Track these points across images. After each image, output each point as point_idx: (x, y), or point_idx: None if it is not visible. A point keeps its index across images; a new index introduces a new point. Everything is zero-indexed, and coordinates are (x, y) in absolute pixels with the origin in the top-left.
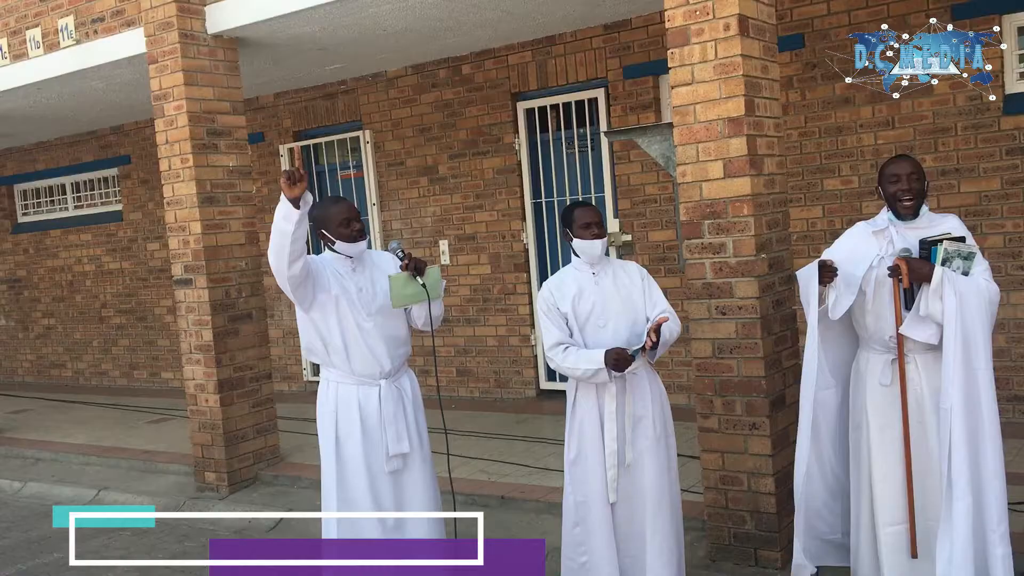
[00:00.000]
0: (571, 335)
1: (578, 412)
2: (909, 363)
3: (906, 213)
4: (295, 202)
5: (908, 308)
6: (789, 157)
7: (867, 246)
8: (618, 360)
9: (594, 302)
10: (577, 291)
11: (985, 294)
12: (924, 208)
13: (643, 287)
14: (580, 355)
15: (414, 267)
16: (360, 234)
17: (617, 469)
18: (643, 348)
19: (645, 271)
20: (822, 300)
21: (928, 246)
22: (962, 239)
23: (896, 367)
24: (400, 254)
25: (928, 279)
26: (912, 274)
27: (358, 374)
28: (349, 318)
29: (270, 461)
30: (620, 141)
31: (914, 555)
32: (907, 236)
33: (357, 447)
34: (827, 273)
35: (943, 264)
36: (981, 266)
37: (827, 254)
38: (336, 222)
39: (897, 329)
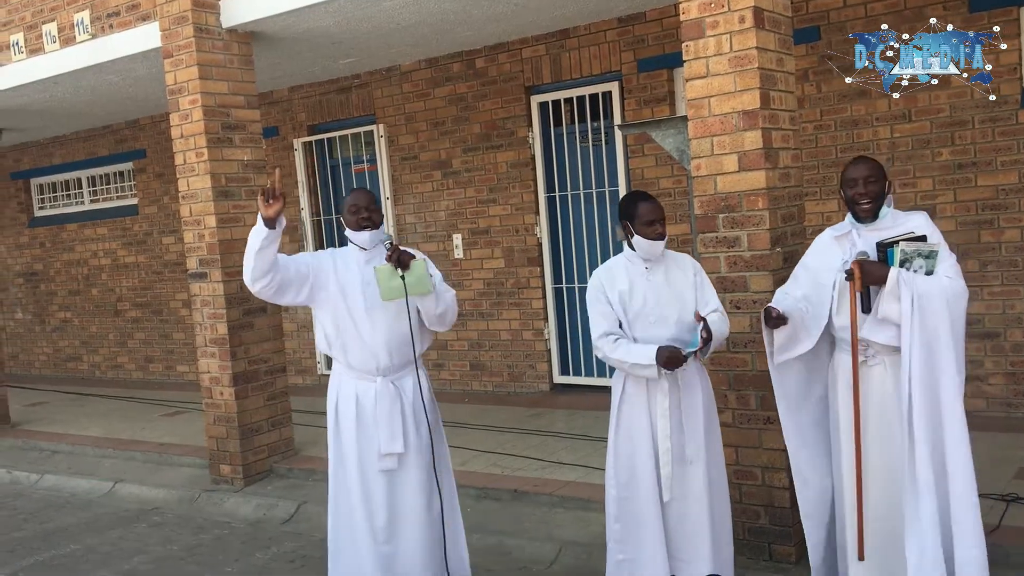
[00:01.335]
0: (619, 324)
1: (626, 407)
2: (877, 364)
3: (864, 216)
4: (269, 222)
5: (869, 311)
6: (804, 150)
7: (831, 254)
8: (671, 359)
9: (645, 298)
10: (628, 286)
11: (948, 292)
12: (886, 209)
13: (695, 283)
14: (631, 349)
15: (396, 260)
16: (365, 223)
17: (672, 467)
18: (696, 351)
19: (698, 265)
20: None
21: (885, 248)
22: (923, 238)
23: (864, 369)
24: (387, 245)
25: (883, 281)
26: (866, 277)
27: (355, 368)
28: (346, 313)
29: (284, 454)
30: (634, 135)
31: (861, 558)
32: (869, 239)
33: (351, 441)
34: (771, 321)
35: (902, 265)
36: (947, 263)
37: (800, 265)
38: (346, 209)
39: (853, 332)
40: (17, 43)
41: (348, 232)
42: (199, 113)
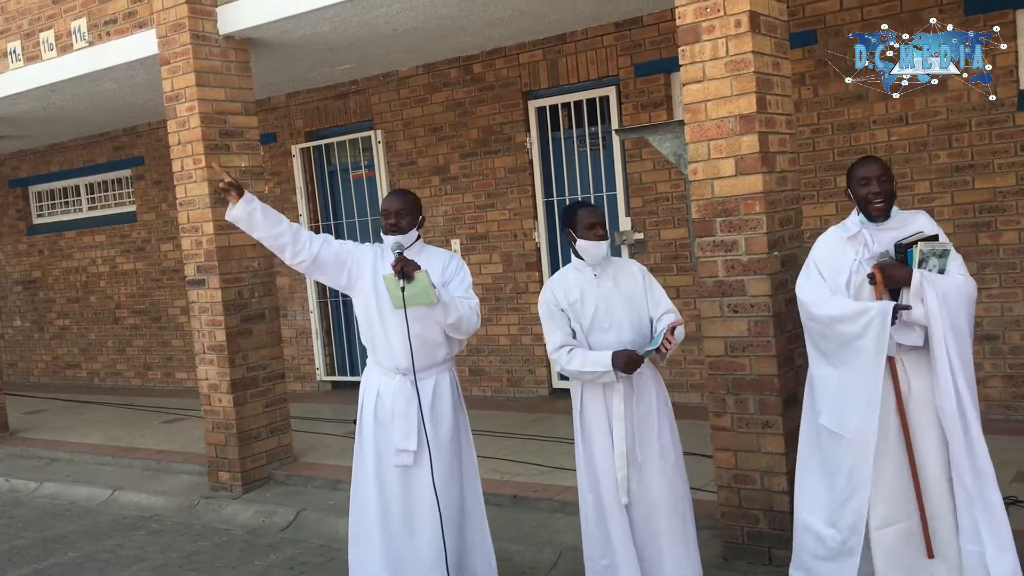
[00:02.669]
0: (574, 335)
1: (585, 414)
2: (897, 364)
3: (878, 215)
4: (237, 209)
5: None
6: (801, 154)
7: (843, 253)
8: (628, 363)
9: (597, 305)
10: (579, 294)
11: (964, 290)
12: (894, 209)
13: (644, 285)
14: (587, 357)
15: (399, 270)
16: (392, 228)
17: (627, 470)
18: (657, 350)
19: (645, 269)
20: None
21: (904, 249)
22: (935, 237)
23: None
24: (396, 255)
25: (907, 283)
26: (889, 281)
27: (380, 364)
28: (375, 309)
29: (283, 461)
30: (632, 139)
31: (930, 555)
32: (880, 238)
33: (370, 432)
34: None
35: (920, 265)
36: (956, 262)
37: (812, 263)
38: (381, 211)
39: None
40: (14, 51)
41: (382, 234)
42: (196, 120)
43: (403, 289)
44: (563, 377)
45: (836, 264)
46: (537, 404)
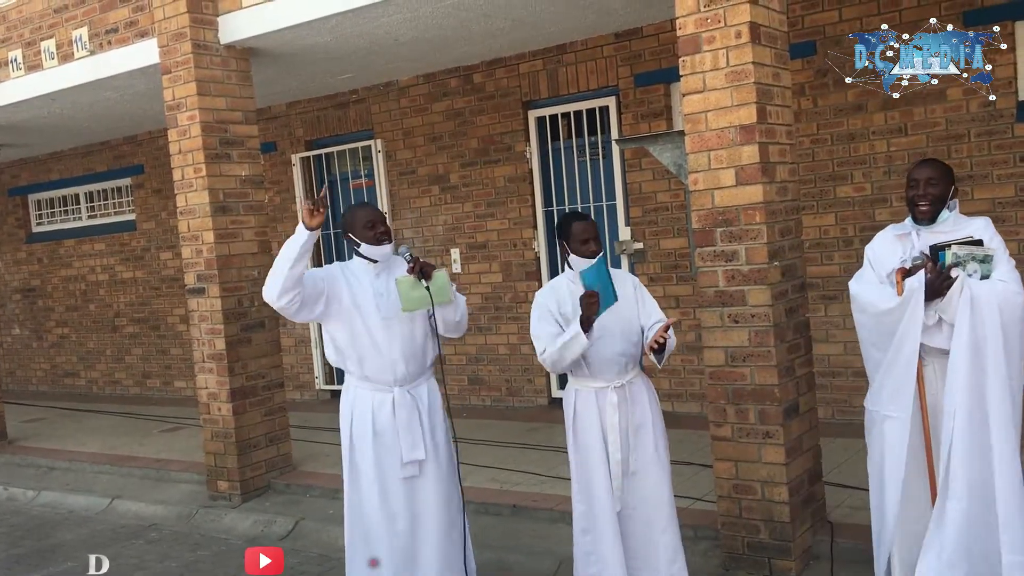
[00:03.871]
0: None
1: (578, 423)
2: (927, 366)
3: (921, 218)
4: (314, 234)
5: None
6: (801, 164)
7: (892, 250)
8: (587, 308)
9: None
10: (572, 306)
11: (999, 296)
12: (946, 213)
13: (636, 297)
14: (559, 337)
15: (420, 271)
16: (384, 237)
17: (622, 479)
18: (656, 349)
19: (636, 280)
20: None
21: (937, 251)
22: (979, 242)
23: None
24: (408, 257)
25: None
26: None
27: (372, 380)
28: (361, 325)
29: (282, 470)
30: (632, 149)
31: None
32: (928, 240)
33: (368, 451)
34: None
35: (954, 268)
36: (1004, 267)
37: (866, 258)
38: (360, 225)
39: None
40: (16, 60)
41: (364, 247)
42: (197, 129)
43: (428, 288)
44: (562, 386)
45: (883, 260)
46: (536, 413)
